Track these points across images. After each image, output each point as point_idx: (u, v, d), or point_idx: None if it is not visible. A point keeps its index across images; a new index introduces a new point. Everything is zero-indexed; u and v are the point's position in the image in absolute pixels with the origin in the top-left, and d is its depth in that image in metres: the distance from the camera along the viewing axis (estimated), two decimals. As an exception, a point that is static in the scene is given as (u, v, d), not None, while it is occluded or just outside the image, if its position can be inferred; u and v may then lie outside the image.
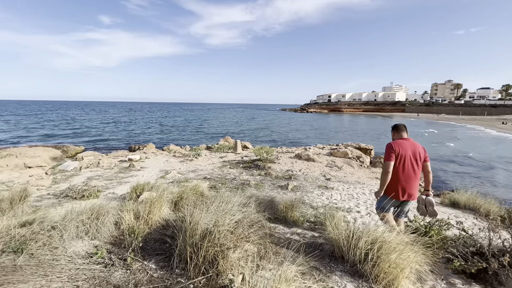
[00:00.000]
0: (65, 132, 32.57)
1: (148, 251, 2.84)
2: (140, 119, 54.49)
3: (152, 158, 12.91)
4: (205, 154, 13.58)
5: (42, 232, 2.53)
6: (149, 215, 3.56)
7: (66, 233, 2.60)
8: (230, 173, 8.93)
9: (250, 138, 27.54)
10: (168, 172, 9.16)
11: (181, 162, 11.61)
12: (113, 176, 8.63)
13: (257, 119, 64.82)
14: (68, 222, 2.71)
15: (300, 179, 8.03)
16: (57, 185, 7.48)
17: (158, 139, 27.61)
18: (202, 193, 4.54)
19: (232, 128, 40.39)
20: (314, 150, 12.88)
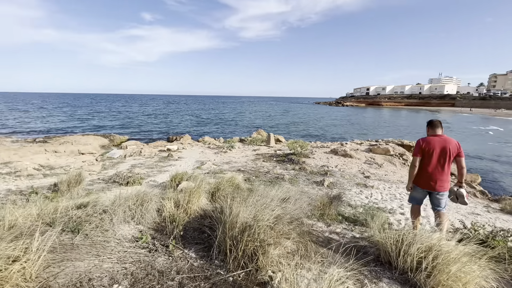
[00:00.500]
0: (112, 123, 35.44)
1: (188, 240, 2.90)
2: (177, 112, 57.10)
3: (188, 149, 13.43)
4: (238, 147, 13.74)
5: (95, 215, 2.72)
6: (188, 205, 3.65)
7: (115, 217, 2.77)
8: (264, 166, 8.90)
9: (283, 131, 27.24)
10: (204, 163, 9.43)
11: (215, 153, 11.89)
12: (153, 165, 9.14)
13: (290, 112, 63.88)
14: (117, 207, 2.87)
15: (336, 176, 7.69)
16: (106, 171, 8.15)
17: (194, 131, 28.67)
18: (238, 186, 4.55)
19: (265, 121, 40.35)
20: (351, 145, 12.26)
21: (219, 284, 2.14)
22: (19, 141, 19.19)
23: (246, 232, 2.33)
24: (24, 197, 4.31)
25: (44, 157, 14.91)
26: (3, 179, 5.91)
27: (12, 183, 5.77)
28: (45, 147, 17.45)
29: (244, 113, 57.99)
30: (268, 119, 45.23)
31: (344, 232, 3.69)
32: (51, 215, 2.65)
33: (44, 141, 19.65)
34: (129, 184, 5.94)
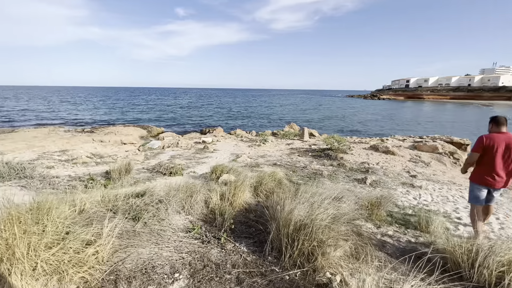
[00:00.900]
0: (148, 115, 37.46)
1: (237, 233, 2.91)
2: (209, 105, 58.51)
3: (222, 141, 13.68)
4: (271, 140, 13.66)
5: (151, 204, 2.84)
6: (233, 198, 3.66)
7: (170, 208, 2.86)
8: (300, 161, 8.72)
9: (316, 125, 26.53)
10: (239, 156, 9.52)
11: (249, 146, 11.94)
12: (191, 156, 9.45)
13: (322, 106, 61.98)
14: (171, 198, 2.97)
15: (378, 173, 7.27)
16: (148, 161, 8.60)
17: (225, 124, 29.16)
18: (280, 181, 4.48)
19: (296, 115, 39.66)
20: (393, 141, 11.50)
21: (276, 282, 2.10)
22: (70, 131, 21.13)
23: (302, 231, 2.25)
24: (83, 183, 4.68)
25: (92, 146, 16.22)
26: (63, 166, 6.51)
27: (70, 169, 6.33)
28: (92, 136, 18.98)
29: (274, 106, 57.57)
30: (299, 112, 44.39)
31: (397, 236, 3.45)
32: (113, 202, 2.82)
33: (91, 131, 21.40)
34: (171, 174, 6.19)
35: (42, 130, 20.81)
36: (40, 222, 2.06)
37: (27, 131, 20.53)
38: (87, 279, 1.85)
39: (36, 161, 6.84)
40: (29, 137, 17.62)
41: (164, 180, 5.84)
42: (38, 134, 19.05)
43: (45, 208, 2.21)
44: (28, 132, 19.65)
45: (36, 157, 7.45)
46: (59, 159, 7.25)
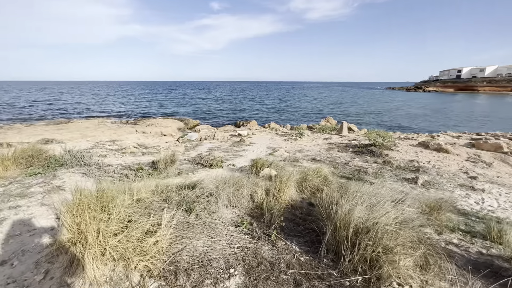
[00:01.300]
0: (184, 108, 38.96)
1: (286, 231, 2.81)
2: (242, 98, 58.99)
3: (257, 135, 13.67)
4: (307, 134, 13.29)
5: (202, 196, 2.87)
6: (279, 193, 3.56)
7: (220, 201, 2.86)
8: (340, 157, 8.33)
9: (354, 120, 25.22)
10: (276, 149, 9.40)
11: (285, 140, 11.75)
12: (228, 149, 9.57)
13: (360, 99, 58.67)
14: (221, 191, 2.96)
15: (431, 173, 6.63)
16: (189, 152, 8.91)
17: (259, 117, 29.17)
18: (326, 178, 4.27)
19: (332, 109, 38.14)
20: (445, 138, 10.43)
21: (336, 287, 1.97)
22: (116, 122, 22.86)
23: (364, 235, 2.07)
24: (133, 172, 4.95)
25: (135, 137, 17.31)
26: (114, 155, 6.99)
27: (120, 158, 6.78)
28: (136, 128, 20.26)
29: (308, 99, 56.08)
30: (335, 106, 42.62)
31: (464, 245, 3.07)
32: (166, 193, 2.90)
33: (134, 123, 22.92)
34: (212, 166, 6.30)
35: (92, 121, 22.84)
36: (105, 209, 2.17)
37: (81, 122, 22.67)
38: (149, 268, 1.90)
39: (91, 150, 7.44)
40: (82, 128, 19.41)
41: (205, 172, 5.97)
42: (89, 125, 20.92)
43: (109, 196, 2.32)
44: (81, 123, 21.69)
45: (90, 146, 8.12)
46: (110, 149, 7.82)
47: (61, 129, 18.27)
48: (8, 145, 7.74)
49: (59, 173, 4.16)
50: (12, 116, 27.96)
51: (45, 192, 3.46)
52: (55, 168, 4.35)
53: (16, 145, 8.24)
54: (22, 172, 4.16)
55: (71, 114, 30.94)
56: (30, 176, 3.98)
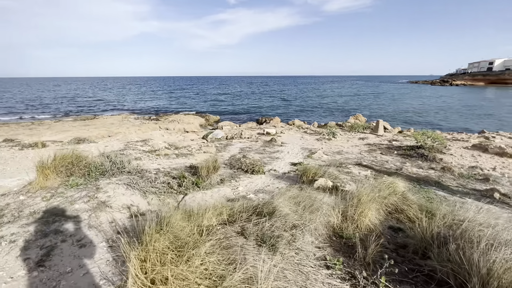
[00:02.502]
0: (203, 104, 38.86)
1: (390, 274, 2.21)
2: (260, 93, 58.21)
3: (286, 133, 13.03)
4: (339, 133, 12.50)
5: (282, 227, 2.32)
6: (360, 217, 2.96)
7: (307, 235, 2.30)
8: (387, 160, 7.57)
9: (381, 117, 23.84)
10: (312, 151, 8.75)
11: (317, 140, 11.05)
12: (261, 150, 9.03)
13: (384, 93, 55.90)
14: (308, 222, 2.40)
15: (504, 184, 5.75)
16: (221, 153, 8.44)
17: (281, 113, 28.42)
18: (405, 196, 3.60)
19: (355, 104, 36.54)
20: (503, 140, 9.31)
21: None
22: (139, 118, 22.98)
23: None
24: (175, 180, 4.51)
25: (159, 133, 17.19)
26: (148, 158, 6.64)
27: (155, 161, 6.43)
28: (159, 124, 20.20)
29: (328, 94, 54.30)
30: (357, 101, 40.83)
31: None
32: (239, 221, 2.38)
33: (156, 119, 22.94)
34: (254, 172, 5.78)
35: (116, 117, 23.08)
36: (182, 254, 1.67)
37: (105, 118, 23.00)
38: None
39: (125, 151, 7.15)
40: (108, 124, 19.59)
41: (248, 179, 5.48)
42: (114, 121, 21.13)
43: (177, 226, 1.82)
44: (106, 119, 21.98)
45: (123, 146, 7.85)
46: (143, 150, 7.50)
47: (87, 125, 18.52)
48: (43, 145, 7.63)
49: (102, 184, 3.78)
50: (41, 112, 28.97)
51: (91, 209, 3.07)
52: (96, 177, 3.98)
53: (50, 145, 8.14)
54: (63, 182, 3.82)
55: (95, 109, 31.65)
56: (71, 188, 3.62)
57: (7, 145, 7.60)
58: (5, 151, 6.79)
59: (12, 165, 5.28)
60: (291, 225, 2.34)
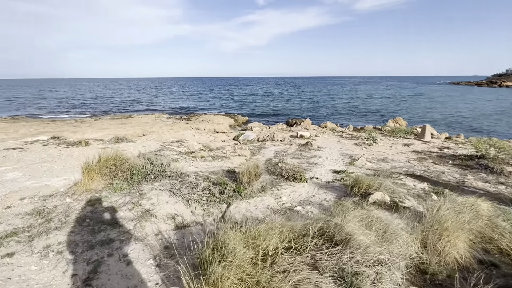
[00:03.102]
0: (231, 104, 39.14)
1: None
2: (288, 94, 57.42)
3: (321, 137, 12.40)
4: (379, 138, 11.60)
5: (363, 261, 1.90)
6: (445, 248, 2.41)
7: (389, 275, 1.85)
8: (443, 171, 6.72)
9: (424, 121, 21.97)
10: (354, 158, 8.11)
11: (356, 145, 10.31)
12: (297, 154, 8.57)
13: (422, 95, 51.97)
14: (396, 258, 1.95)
15: None
16: (256, 157, 8.13)
17: (311, 115, 27.59)
18: (492, 221, 2.96)
19: (393, 107, 34.35)
20: None
21: None
22: (171, 118, 23.60)
23: None
24: (216, 187, 4.25)
25: (190, 133, 17.40)
26: (185, 159, 6.53)
27: (192, 163, 6.28)
28: (190, 124, 20.52)
29: (361, 96, 51.76)
30: (393, 103, 38.22)
31: None
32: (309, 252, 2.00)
33: (187, 118, 23.40)
34: (296, 180, 5.37)
35: (150, 117, 23.94)
36: None
37: (140, 117, 23.96)
38: None
39: (162, 151, 7.12)
40: (142, 123, 20.32)
41: (290, 188, 5.08)
42: (148, 120, 21.89)
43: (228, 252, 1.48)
44: (140, 118, 22.86)
45: (160, 147, 7.86)
46: (179, 151, 7.43)
47: (124, 124, 19.37)
48: (86, 143, 7.90)
49: (145, 189, 3.63)
50: (83, 110, 31.10)
51: (136, 218, 2.88)
52: (139, 181, 3.85)
53: (92, 143, 8.43)
54: (107, 184, 3.73)
55: (130, 109, 33.26)
56: (115, 192, 3.51)
57: (54, 143, 7.98)
58: (53, 148, 7.09)
59: (59, 163, 5.40)
60: (374, 259, 1.90)
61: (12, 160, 5.64)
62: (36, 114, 27.92)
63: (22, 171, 4.77)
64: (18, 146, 7.17)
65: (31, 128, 16.67)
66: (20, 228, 2.66)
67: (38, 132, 15.30)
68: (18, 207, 3.20)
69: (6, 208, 3.16)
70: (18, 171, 4.82)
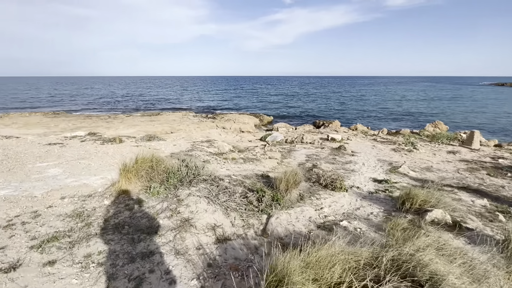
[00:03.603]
0: (255, 103, 38.95)
1: None
2: (314, 94, 56.09)
3: (353, 140, 11.74)
4: (420, 144, 10.71)
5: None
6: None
7: None
8: (503, 186, 5.92)
9: (469, 126, 20.19)
10: (393, 165, 7.48)
11: (394, 151, 9.57)
12: (330, 159, 8.09)
13: (462, 98, 47.78)
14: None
15: None
16: (287, 160, 7.79)
17: (339, 116, 26.60)
18: None
19: (427, 109, 31.98)
20: None
21: None
22: (197, 116, 23.90)
23: None
24: (253, 194, 3.99)
25: (217, 132, 17.43)
26: (216, 161, 6.36)
27: (223, 165, 6.10)
28: (216, 123, 20.60)
29: (392, 97, 49.14)
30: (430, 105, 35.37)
31: None
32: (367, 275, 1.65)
33: (213, 117, 23.55)
34: (336, 189, 4.96)
35: (177, 114, 24.44)
36: None
37: (168, 114, 24.54)
38: None
39: (192, 152, 7.03)
40: (170, 120, 20.77)
41: (330, 198, 4.69)
42: (175, 117, 22.34)
43: None
44: (168, 116, 23.40)
45: (190, 147, 7.80)
46: (209, 152, 7.30)
47: (153, 121, 19.93)
48: (120, 141, 8.05)
49: (182, 195, 3.46)
50: (114, 107, 32.63)
51: (175, 228, 2.70)
52: (175, 185, 3.69)
53: (125, 140, 8.58)
54: (143, 187, 3.62)
55: (158, 106, 34.32)
56: (153, 196, 3.37)
57: (90, 139, 8.22)
58: (90, 144, 7.28)
59: (96, 161, 5.47)
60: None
61: (53, 155, 5.82)
62: (73, 109, 29.80)
63: (62, 168, 4.86)
64: (58, 142, 7.46)
65: (70, 123, 17.69)
66: (61, 231, 2.58)
67: (76, 127, 16.18)
68: (59, 207, 3.17)
69: (48, 208, 3.14)
70: (59, 167, 4.91)
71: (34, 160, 5.34)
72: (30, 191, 3.59)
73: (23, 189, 3.71)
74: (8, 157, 5.56)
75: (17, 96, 44.95)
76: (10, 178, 4.21)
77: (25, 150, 6.22)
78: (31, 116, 21.24)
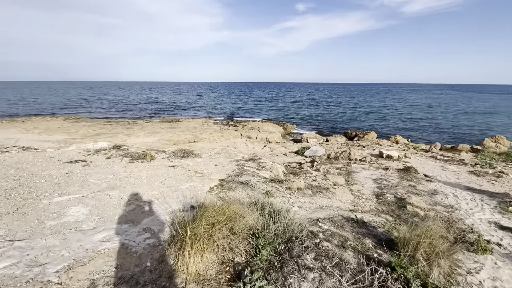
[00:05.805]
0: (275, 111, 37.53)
1: None
2: (333, 102, 54.06)
3: (412, 158, 10.00)
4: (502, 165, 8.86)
5: None
6: None
7: None
8: None
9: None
10: (498, 198, 5.76)
11: (474, 174, 7.81)
12: (407, 186, 6.44)
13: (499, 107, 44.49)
14: None
15: None
16: (356, 188, 6.17)
17: (367, 126, 24.73)
18: None
19: (461, 120, 29.58)
20: None
21: None
22: (218, 123, 22.63)
23: None
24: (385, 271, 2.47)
25: (243, 142, 15.98)
26: (278, 191, 4.89)
27: (289, 199, 4.62)
28: (239, 131, 19.21)
29: (418, 105, 46.37)
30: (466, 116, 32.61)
31: None
32: None
33: (235, 125, 22.23)
34: (478, 251, 3.36)
35: (197, 121, 23.26)
36: None
37: (188, 121, 23.42)
38: None
39: (242, 176, 5.57)
40: (191, 127, 19.54)
41: (484, 271, 3.11)
42: (196, 124, 21.12)
43: None
44: (188, 122, 22.23)
45: (235, 168, 6.34)
46: (263, 177, 5.82)
47: (173, 128, 18.78)
48: (151, 158, 6.72)
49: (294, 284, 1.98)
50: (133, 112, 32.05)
51: None
52: (270, 260, 2.23)
53: (156, 156, 7.23)
54: (219, 263, 2.18)
55: (177, 112, 33.51)
56: None
57: (117, 154, 6.96)
58: (117, 163, 6.00)
59: (129, 192, 4.11)
60: None
61: (75, 181, 4.53)
62: (93, 114, 29.37)
63: (88, 206, 3.53)
64: (81, 158, 6.22)
65: (90, 129, 16.77)
66: None
67: (96, 133, 15.19)
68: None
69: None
70: (83, 204, 3.59)
71: (51, 190, 4.05)
72: (41, 266, 2.22)
73: (31, 257, 2.36)
74: (20, 183, 4.30)
75: (44, 100, 45.68)
76: (17, 228, 2.89)
77: (42, 172, 4.98)
78: (52, 120, 20.65)
